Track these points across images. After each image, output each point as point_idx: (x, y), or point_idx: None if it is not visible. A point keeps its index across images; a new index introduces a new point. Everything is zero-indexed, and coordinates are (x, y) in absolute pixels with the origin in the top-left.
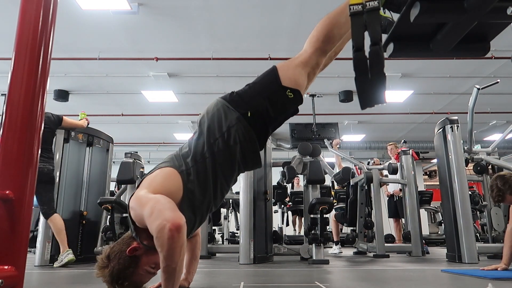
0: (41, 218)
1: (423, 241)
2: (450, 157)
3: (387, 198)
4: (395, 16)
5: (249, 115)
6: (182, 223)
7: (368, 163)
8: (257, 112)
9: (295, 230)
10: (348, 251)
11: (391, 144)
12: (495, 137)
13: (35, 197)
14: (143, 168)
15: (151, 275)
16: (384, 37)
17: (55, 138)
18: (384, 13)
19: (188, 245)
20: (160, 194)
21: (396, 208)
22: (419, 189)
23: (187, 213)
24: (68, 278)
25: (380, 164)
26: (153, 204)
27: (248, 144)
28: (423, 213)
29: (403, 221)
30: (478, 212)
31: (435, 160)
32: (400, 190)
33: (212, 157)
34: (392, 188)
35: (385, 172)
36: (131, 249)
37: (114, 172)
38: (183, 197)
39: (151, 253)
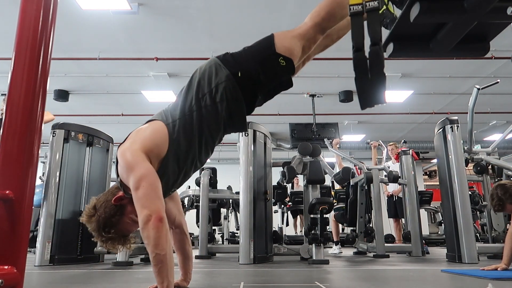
0: (41, 218)
1: (423, 241)
2: (450, 157)
3: (387, 198)
4: (398, 12)
5: (239, 75)
6: (163, 214)
7: (368, 143)
8: (247, 73)
9: (296, 232)
10: (348, 251)
11: (392, 145)
12: (495, 137)
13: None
14: None
15: (136, 225)
16: (384, 36)
17: (55, 138)
18: (388, 5)
19: (176, 243)
20: (147, 149)
21: (395, 208)
22: (419, 189)
23: (172, 165)
24: (68, 278)
25: (379, 147)
26: (141, 177)
27: (234, 104)
28: (423, 213)
29: (403, 221)
30: (478, 212)
31: (435, 160)
32: (399, 185)
33: (199, 111)
34: (392, 188)
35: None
36: (116, 198)
37: (114, 172)
38: (169, 148)
39: None
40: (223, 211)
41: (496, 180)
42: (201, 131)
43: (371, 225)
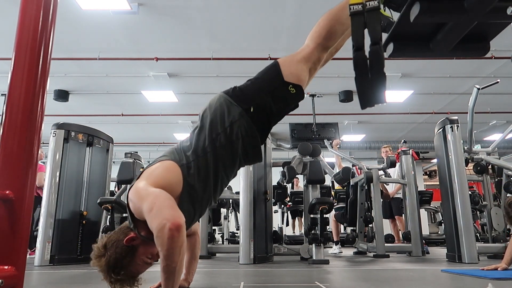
0: (41, 218)
1: (423, 241)
2: (450, 157)
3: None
4: (395, 15)
5: (251, 110)
6: (182, 222)
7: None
8: (259, 107)
9: (294, 233)
10: (348, 251)
11: (386, 147)
12: (495, 137)
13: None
14: (143, 168)
15: (147, 266)
16: (384, 36)
17: (55, 138)
18: (385, 11)
19: (188, 245)
20: (160, 187)
21: (390, 209)
22: (419, 189)
23: (186, 206)
24: (68, 278)
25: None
26: (153, 200)
27: (250, 139)
28: (423, 213)
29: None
30: (478, 212)
31: (435, 160)
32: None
33: (214, 151)
34: (391, 189)
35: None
36: (128, 238)
37: (114, 172)
38: (183, 190)
39: (148, 244)
40: (223, 211)
41: (496, 180)
42: (217, 171)
43: (371, 226)
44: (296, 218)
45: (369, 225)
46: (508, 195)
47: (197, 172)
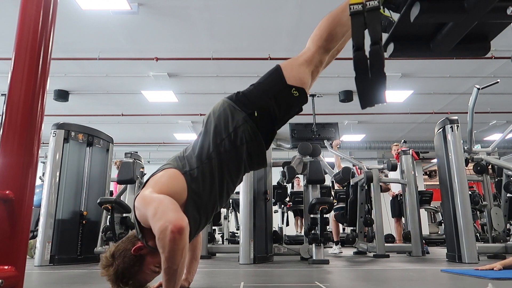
0: (41, 218)
1: (423, 241)
2: (450, 157)
3: (391, 199)
4: (395, 16)
5: (255, 115)
6: (185, 224)
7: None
8: (263, 111)
9: (297, 231)
10: (348, 251)
11: (397, 145)
12: (495, 137)
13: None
14: (143, 168)
15: (155, 274)
16: (384, 36)
17: (55, 138)
18: (384, 11)
19: (189, 245)
20: (165, 194)
21: (400, 208)
22: (419, 189)
23: (192, 213)
24: (68, 278)
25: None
26: (157, 205)
27: (254, 144)
28: (423, 213)
29: (403, 221)
30: (478, 212)
31: (435, 160)
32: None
33: (219, 157)
34: (397, 188)
35: (386, 171)
36: (136, 248)
37: (114, 172)
38: (188, 198)
39: (155, 253)
40: (223, 211)
41: (496, 180)
42: (222, 177)
43: (370, 216)
44: (297, 218)
45: (370, 227)
46: (508, 195)
47: (202, 179)
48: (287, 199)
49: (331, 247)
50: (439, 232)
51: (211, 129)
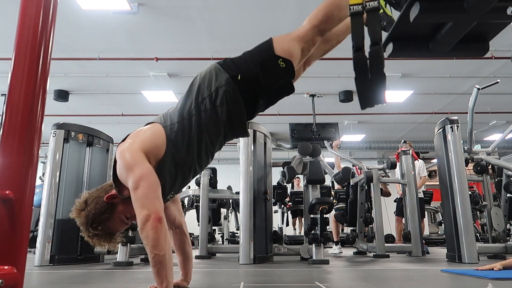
0: (41, 218)
1: (423, 241)
2: (450, 157)
3: (398, 197)
4: (395, 14)
5: (239, 78)
6: (163, 214)
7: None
8: (247, 76)
9: (295, 229)
10: (348, 251)
11: (408, 143)
12: (495, 137)
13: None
14: None
15: (125, 225)
16: (384, 36)
17: (55, 138)
18: (386, 7)
19: (176, 244)
20: (146, 150)
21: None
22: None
23: (168, 167)
24: (68, 278)
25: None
26: (140, 179)
27: (234, 107)
28: None
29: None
30: (478, 212)
31: (435, 160)
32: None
33: (198, 115)
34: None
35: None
36: (109, 196)
37: (112, 170)
38: (166, 151)
39: (127, 203)
40: (223, 211)
41: (496, 180)
42: (200, 135)
43: (371, 226)
44: (295, 219)
45: (369, 225)
46: (508, 195)
47: (181, 133)
48: (287, 199)
49: (331, 247)
50: (439, 232)
51: (195, 88)
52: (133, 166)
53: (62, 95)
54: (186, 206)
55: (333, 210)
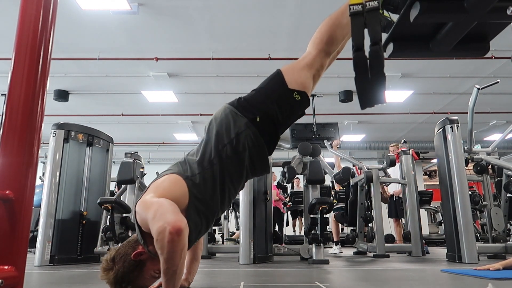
0: (41, 218)
1: (423, 241)
2: (450, 157)
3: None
4: (393, 17)
5: (258, 120)
6: (183, 226)
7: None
8: (266, 116)
9: (294, 231)
10: (348, 251)
11: (393, 145)
12: (495, 137)
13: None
14: (143, 168)
15: (154, 280)
16: (384, 37)
17: (55, 138)
18: (383, 13)
19: None
20: (165, 198)
21: (396, 208)
22: (419, 189)
23: (194, 218)
24: (68, 278)
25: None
26: (156, 207)
27: (257, 150)
28: (423, 213)
29: (403, 221)
30: (478, 212)
31: (435, 160)
32: (400, 185)
33: (220, 163)
34: (392, 188)
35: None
36: (136, 253)
37: (114, 172)
38: (189, 203)
39: (156, 259)
40: None
41: (496, 180)
42: (223, 183)
43: (371, 226)
44: (295, 220)
45: (369, 225)
46: (508, 195)
47: (204, 185)
48: (287, 199)
49: (331, 247)
50: (439, 232)
51: (213, 135)
52: (151, 204)
53: (62, 95)
54: None
55: (333, 210)
